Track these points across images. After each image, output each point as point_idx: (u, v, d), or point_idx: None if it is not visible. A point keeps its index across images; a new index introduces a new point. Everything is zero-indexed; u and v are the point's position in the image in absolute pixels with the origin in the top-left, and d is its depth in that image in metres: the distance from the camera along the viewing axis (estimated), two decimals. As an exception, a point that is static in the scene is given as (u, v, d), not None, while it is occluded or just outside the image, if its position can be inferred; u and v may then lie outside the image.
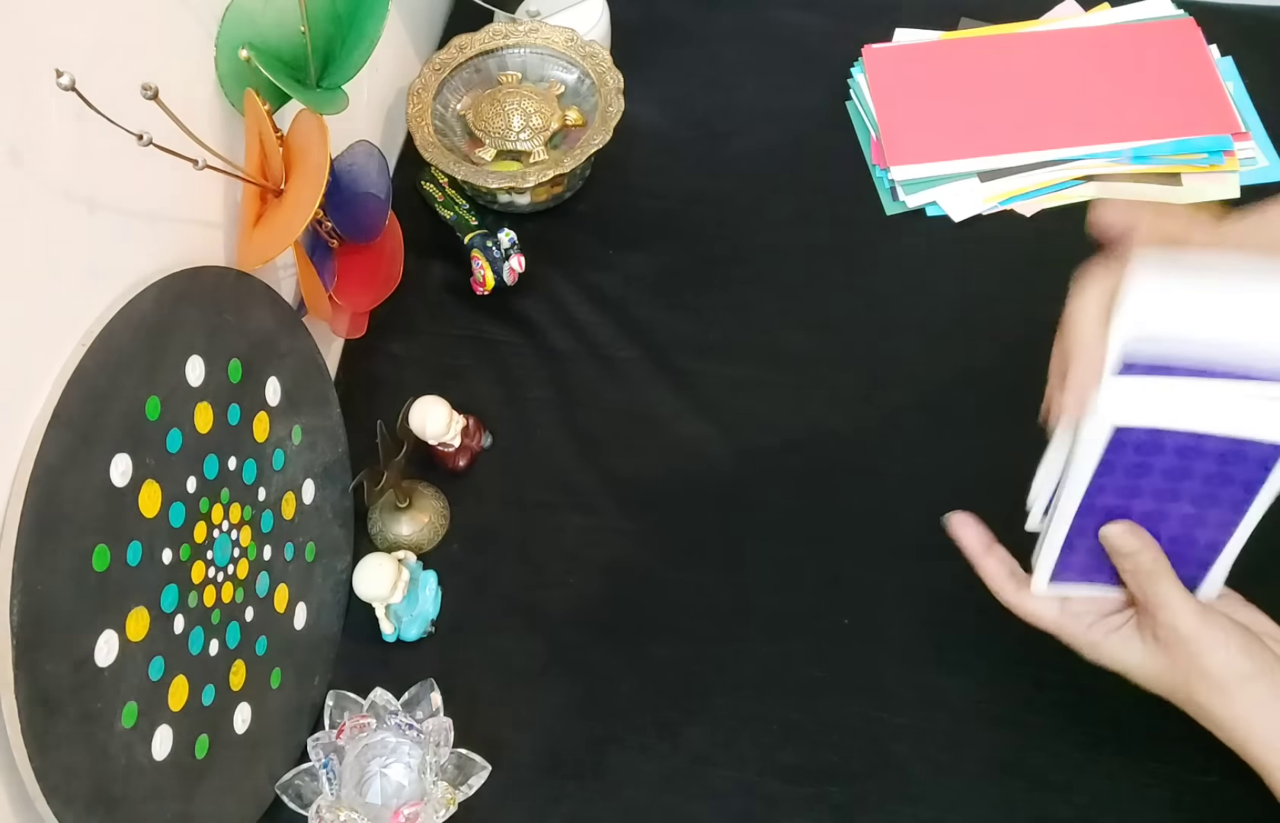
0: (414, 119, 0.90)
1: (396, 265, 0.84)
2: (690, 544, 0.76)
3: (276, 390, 0.68)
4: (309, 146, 0.65)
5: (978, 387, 0.81)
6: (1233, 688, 0.55)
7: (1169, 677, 0.57)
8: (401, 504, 0.75)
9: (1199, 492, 0.55)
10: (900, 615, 0.72)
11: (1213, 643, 0.55)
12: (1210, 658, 0.55)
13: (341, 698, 0.69)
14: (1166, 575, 0.56)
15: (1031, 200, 0.91)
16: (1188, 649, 0.55)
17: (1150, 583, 0.56)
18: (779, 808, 0.66)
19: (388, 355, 0.85)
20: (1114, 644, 0.59)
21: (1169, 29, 0.99)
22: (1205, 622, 0.56)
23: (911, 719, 0.68)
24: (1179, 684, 0.57)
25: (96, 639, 0.54)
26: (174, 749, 0.59)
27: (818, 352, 0.84)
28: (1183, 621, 0.55)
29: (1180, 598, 0.56)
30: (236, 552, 0.65)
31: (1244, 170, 0.90)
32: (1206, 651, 0.55)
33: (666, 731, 0.69)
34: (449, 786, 0.65)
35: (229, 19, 0.65)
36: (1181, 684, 0.56)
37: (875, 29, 1.01)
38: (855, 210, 0.91)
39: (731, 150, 0.96)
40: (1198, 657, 0.55)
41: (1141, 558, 0.56)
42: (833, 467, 0.78)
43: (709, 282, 0.88)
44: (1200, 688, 0.56)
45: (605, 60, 0.93)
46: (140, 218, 0.60)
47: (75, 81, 0.49)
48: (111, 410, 0.55)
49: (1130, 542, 0.56)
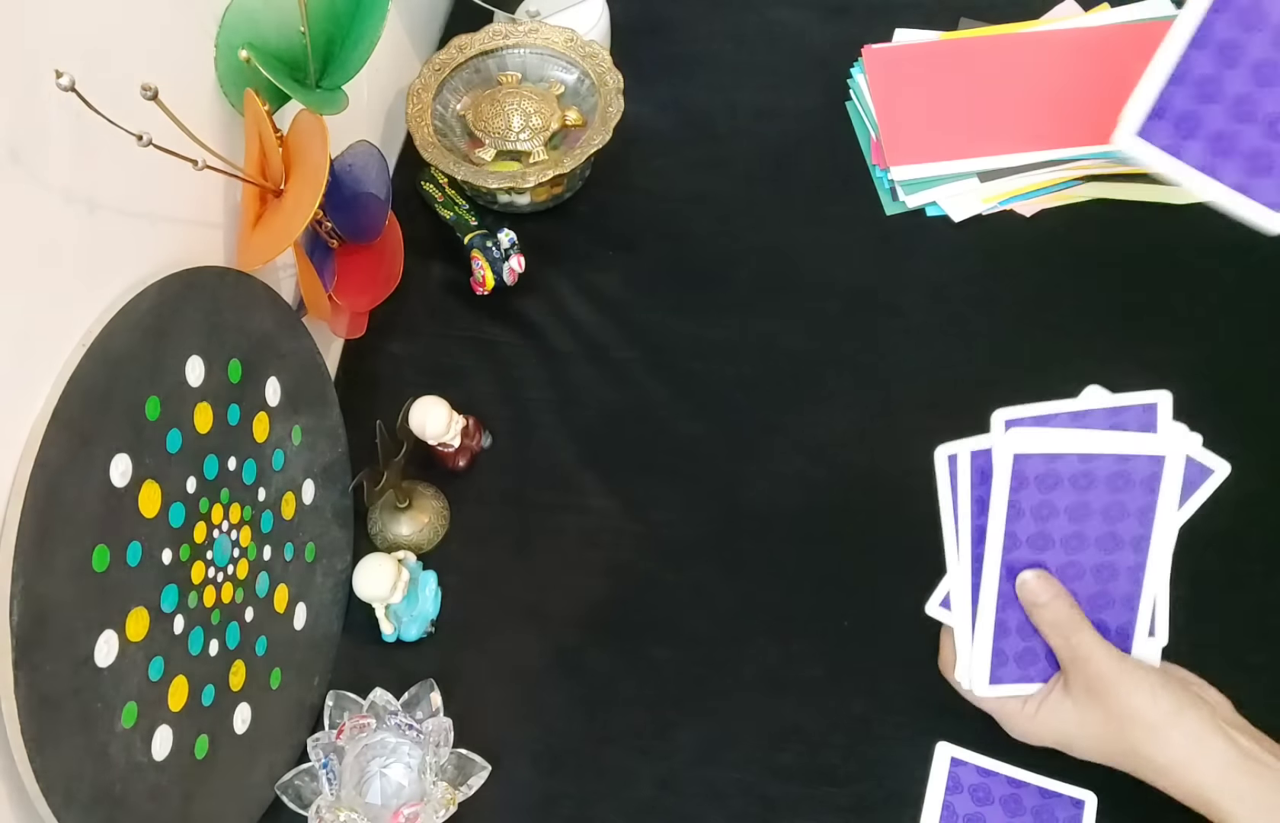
0: (414, 119, 0.90)
1: (396, 265, 0.84)
2: (690, 544, 0.76)
3: (276, 390, 0.68)
4: (309, 147, 0.65)
5: (977, 387, 0.81)
6: (1166, 726, 0.56)
7: (1105, 732, 0.58)
8: (401, 504, 0.75)
9: (1102, 531, 0.58)
10: (900, 616, 0.72)
11: (1136, 683, 0.57)
12: (1137, 698, 0.56)
13: (341, 698, 0.69)
14: (1085, 624, 0.58)
15: (1031, 200, 0.91)
16: (1116, 693, 0.57)
17: (1072, 632, 0.58)
18: (779, 808, 0.66)
19: (388, 355, 0.85)
20: (1048, 712, 0.60)
21: (1169, 29, 0.98)
22: (1125, 664, 0.58)
23: (911, 720, 0.68)
24: (1114, 736, 0.58)
25: (96, 639, 0.54)
26: (174, 749, 0.59)
27: (818, 352, 0.84)
28: (1106, 665, 0.57)
29: (1101, 645, 0.58)
30: (236, 552, 0.65)
31: (1244, 170, 0.90)
32: (1132, 690, 0.57)
33: (666, 731, 0.69)
34: (449, 786, 0.65)
35: (229, 19, 0.65)
36: (1117, 736, 0.58)
37: (875, 29, 1.02)
38: (855, 210, 0.91)
39: (731, 150, 0.96)
40: (1126, 698, 0.57)
41: (1058, 607, 0.58)
42: (833, 467, 0.78)
43: (709, 282, 0.88)
44: (1137, 735, 0.57)
45: (605, 60, 0.93)
46: (140, 218, 0.60)
47: (75, 81, 0.49)
48: (111, 410, 0.55)
49: (1045, 590, 0.59)
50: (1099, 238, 0.88)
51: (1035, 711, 0.61)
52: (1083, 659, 0.58)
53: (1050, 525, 0.58)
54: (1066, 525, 0.58)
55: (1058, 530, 0.58)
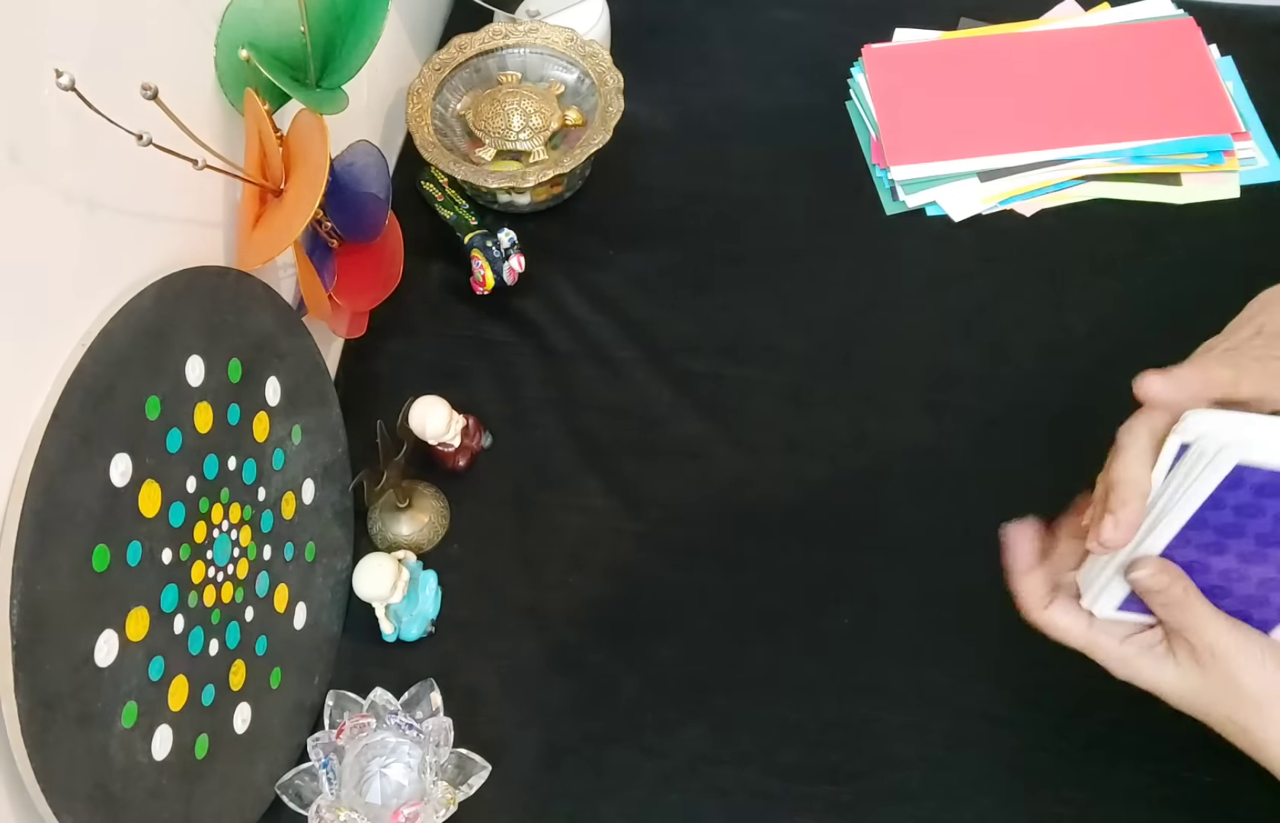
0: (414, 119, 0.90)
1: (396, 265, 0.84)
2: (690, 544, 0.76)
3: (276, 390, 0.68)
4: (309, 146, 0.65)
5: (977, 387, 0.81)
6: (1272, 703, 0.53)
7: (1204, 698, 0.55)
8: (401, 504, 0.75)
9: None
10: (900, 615, 0.72)
11: (1249, 659, 0.54)
12: (1247, 675, 0.54)
13: (341, 698, 0.69)
14: (1199, 599, 0.55)
15: (1031, 200, 0.91)
16: (1224, 667, 0.54)
17: (1183, 611, 0.55)
18: (779, 808, 0.66)
19: (388, 355, 0.85)
20: (1147, 663, 0.57)
21: (1169, 29, 0.99)
22: (1241, 637, 0.54)
23: (911, 719, 0.68)
24: (1215, 704, 0.55)
25: (96, 639, 0.54)
26: (174, 749, 0.59)
27: (818, 352, 0.84)
28: (1218, 637, 0.54)
29: (1214, 616, 0.54)
30: (236, 552, 0.65)
31: (1244, 170, 0.90)
32: (1243, 667, 0.54)
33: (666, 730, 0.69)
34: (449, 786, 0.65)
35: (229, 19, 0.65)
36: (1218, 704, 0.55)
37: (875, 29, 1.02)
38: (855, 210, 0.91)
39: (731, 150, 0.96)
40: (1235, 674, 0.54)
41: (1173, 590, 0.55)
42: (833, 466, 0.78)
43: (709, 282, 0.88)
44: (1239, 708, 0.54)
45: (605, 60, 0.93)
46: (140, 218, 0.60)
47: (75, 81, 0.49)
48: (111, 410, 0.55)
49: (1161, 579, 0.54)
50: (1099, 238, 0.88)
51: (1133, 655, 0.57)
52: (1191, 629, 0.55)
53: (1250, 523, 0.53)
54: (1271, 526, 0.53)
55: (1255, 528, 0.53)
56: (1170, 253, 0.87)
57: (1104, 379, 0.61)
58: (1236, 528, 0.54)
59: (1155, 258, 0.87)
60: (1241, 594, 0.56)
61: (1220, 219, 0.89)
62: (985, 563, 0.59)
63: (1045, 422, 0.78)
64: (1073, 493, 0.56)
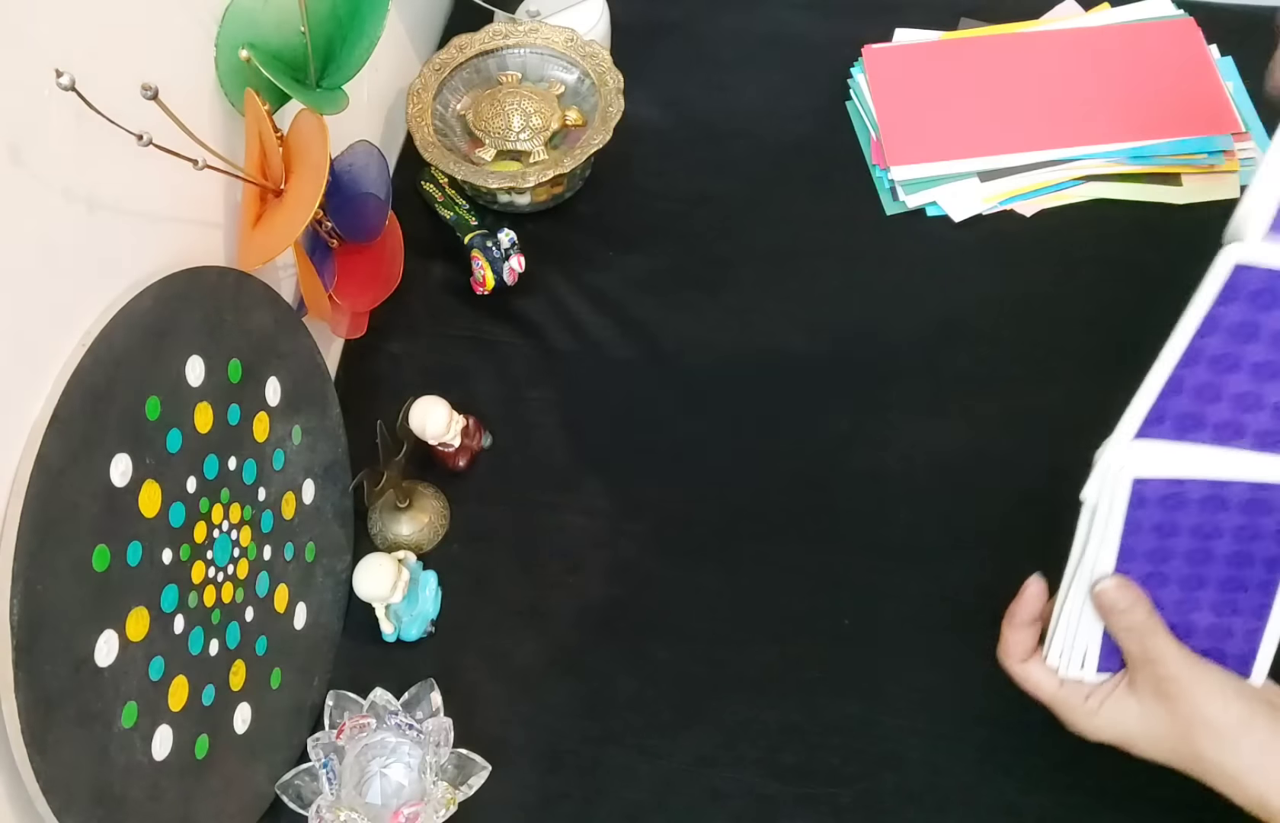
0: (414, 119, 0.90)
1: (396, 265, 0.84)
2: (690, 544, 0.76)
3: (276, 390, 0.68)
4: (309, 146, 0.65)
5: (977, 387, 0.81)
6: (1237, 734, 0.54)
7: (1171, 734, 0.56)
8: (401, 504, 0.75)
9: (1223, 575, 0.55)
10: (900, 616, 0.72)
11: (1210, 689, 0.55)
12: (1210, 705, 0.54)
13: (341, 698, 0.69)
14: (1161, 628, 0.56)
15: (1031, 200, 0.90)
16: (1188, 698, 0.55)
17: (1146, 636, 0.56)
18: (779, 808, 0.66)
19: (388, 355, 0.85)
20: (1111, 708, 0.58)
21: (1169, 29, 0.99)
22: (1202, 669, 0.55)
23: (911, 720, 0.68)
24: (1180, 739, 0.56)
25: (96, 639, 0.54)
26: (174, 749, 0.59)
27: (818, 352, 0.84)
28: (1180, 668, 0.55)
29: (1176, 648, 0.56)
30: (236, 552, 0.65)
31: (1244, 170, 0.90)
32: (1205, 697, 0.55)
33: (666, 731, 0.69)
34: (449, 786, 0.65)
35: (229, 19, 0.65)
36: (1183, 739, 0.56)
37: (875, 29, 1.01)
38: (855, 210, 0.91)
39: (731, 150, 0.96)
40: (1199, 704, 0.55)
41: (1135, 613, 0.56)
42: (833, 467, 0.78)
43: (709, 282, 0.88)
44: (1204, 741, 0.55)
45: (605, 60, 0.93)
46: (140, 218, 0.60)
47: (75, 81, 0.49)
48: (111, 410, 0.55)
49: (1125, 596, 0.56)
50: (1099, 238, 0.88)
51: (1098, 706, 0.58)
52: (1154, 661, 0.56)
53: (1171, 542, 0.55)
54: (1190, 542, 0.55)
55: (1179, 547, 0.55)
56: (1170, 253, 0.87)
57: (1104, 380, 0.61)
58: (1162, 552, 0.55)
59: (1155, 258, 0.87)
60: (1204, 627, 0.57)
61: (1220, 219, 0.87)
62: (985, 564, 0.59)
63: (1045, 422, 0.78)
64: (1073, 493, 0.56)
